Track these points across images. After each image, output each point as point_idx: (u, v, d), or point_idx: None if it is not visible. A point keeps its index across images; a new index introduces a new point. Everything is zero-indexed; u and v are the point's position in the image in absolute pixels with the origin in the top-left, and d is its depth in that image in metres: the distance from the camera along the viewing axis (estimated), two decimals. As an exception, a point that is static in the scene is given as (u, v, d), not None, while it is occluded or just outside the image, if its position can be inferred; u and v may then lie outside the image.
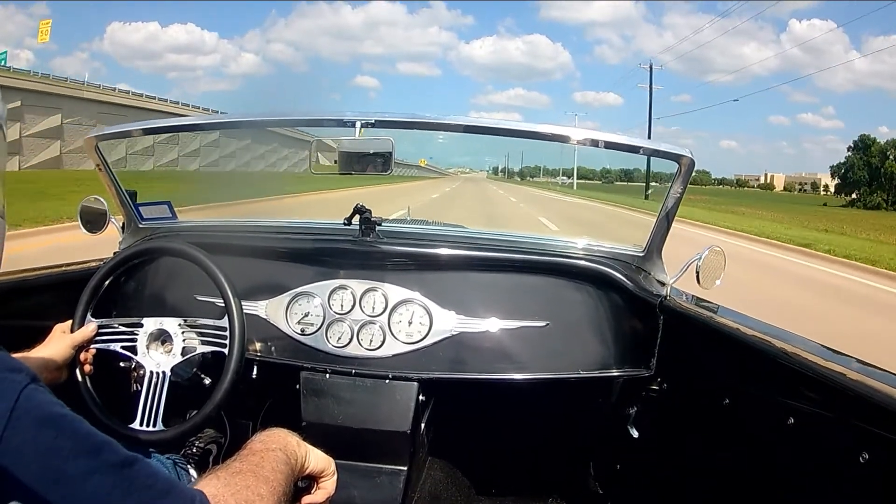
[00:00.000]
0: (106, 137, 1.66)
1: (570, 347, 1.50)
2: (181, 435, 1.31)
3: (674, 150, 1.44)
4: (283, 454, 0.79)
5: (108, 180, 1.68)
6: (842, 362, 0.96)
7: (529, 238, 1.79)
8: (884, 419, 0.81)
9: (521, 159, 26.87)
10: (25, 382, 0.55)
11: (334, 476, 0.90)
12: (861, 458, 0.83)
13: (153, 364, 1.33)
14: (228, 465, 0.73)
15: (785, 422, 0.99)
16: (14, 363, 0.57)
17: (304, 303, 1.52)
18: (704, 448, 1.29)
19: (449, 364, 1.48)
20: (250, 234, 1.71)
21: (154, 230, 1.74)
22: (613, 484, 1.68)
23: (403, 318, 1.49)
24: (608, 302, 1.53)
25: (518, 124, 1.54)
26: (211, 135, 24.79)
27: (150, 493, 0.59)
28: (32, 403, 0.54)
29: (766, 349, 1.10)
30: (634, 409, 1.54)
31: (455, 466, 1.73)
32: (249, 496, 0.68)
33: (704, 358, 1.35)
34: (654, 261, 1.60)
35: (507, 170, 37.56)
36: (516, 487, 1.79)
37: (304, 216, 1.96)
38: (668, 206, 1.50)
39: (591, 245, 1.65)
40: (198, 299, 1.49)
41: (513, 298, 1.53)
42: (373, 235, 1.57)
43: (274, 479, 0.73)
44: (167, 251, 1.44)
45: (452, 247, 1.60)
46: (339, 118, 1.50)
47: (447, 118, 1.55)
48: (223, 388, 1.27)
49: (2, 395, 0.53)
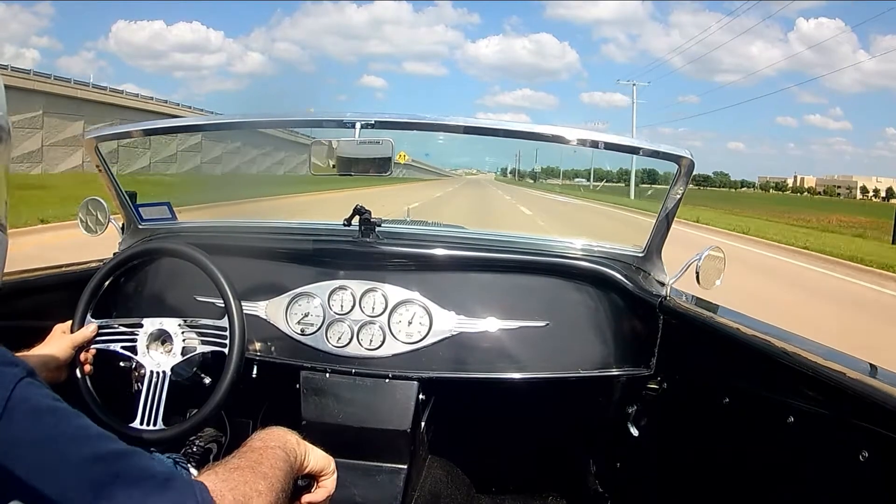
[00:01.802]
0: (106, 138, 1.66)
1: (570, 347, 1.50)
2: (181, 434, 1.32)
3: (673, 151, 1.44)
4: (283, 452, 0.79)
5: (107, 181, 1.68)
6: (842, 362, 0.97)
7: (529, 238, 1.79)
8: (884, 419, 0.81)
9: (534, 158, 21.72)
10: (21, 375, 0.56)
11: (334, 475, 0.90)
12: (861, 457, 0.83)
13: (153, 364, 1.33)
14: (227, 462, 0.73)
15: (785, 421, 0.99)
16: (10, 358, 0.57)
17: (303, 303, 1.53)
18: (704, 447, 1.29)
19: (449, 364, 1.48)
20: (250, 235, 1.71)
21: (154, 231, 1.74)
22: (613, 483, 1.69)
23: (403, 318, 1.50)
24: (608, 302, 1.53)
25: (517, 125, 1.54)
26: (192, 138, 23.30)
27: (151, 483, 0.59)
28: (28, 395, 0.55)
29: (766, 349, 1.10)
30: (634, 408, 1.54)
31: (455, 465, 1.73)
32: (247, 491, 0.68)
33: (704, 357, 1.35)
34: (654, 261, 1.61)
35: (518, 171, 32.52)
36: (516, 486, 1.79)
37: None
38: (667, 206, 1.51)
39: (590, 245, 1.66)
40: (198, 300, 1.49)
41: (513, 298, 1.53)
42: (372, 236, 1.57)
43: (272, 475, 0.73)
44: (167, 252, 1.45)
45: (452, 247, 1.60)
46: (338, 119, 1.50)
47: (447, 119, 1.55)
48: (223, 388, 1.28)
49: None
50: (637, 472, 1.58)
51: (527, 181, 28.12)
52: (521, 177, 29.89)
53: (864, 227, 20.69)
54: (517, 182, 29.86)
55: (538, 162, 21.25)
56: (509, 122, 1.59)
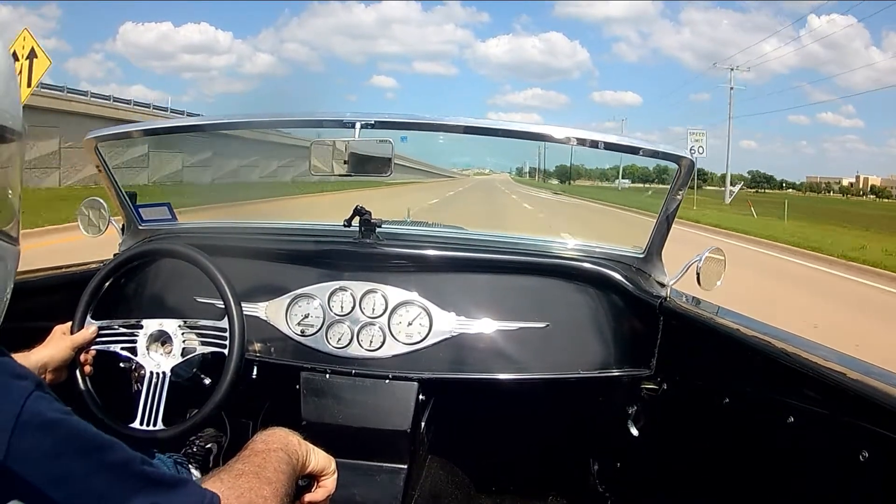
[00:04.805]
0: (106, 139, 1.66)
1: (570, 348, 1.50)
2: (181, 434, 1.31)
3: (674, 152, 1.45)
4: (285, 454, 0.79)
5: (107, 182, 1.69)
6: (842, 362, 0.97)
7: (529, 240, 1.79)
8: (884, 419, 0.81)
9: (570, 155, 15.80)
10: (31, 389, 0.56)
11: (335, 475, 0.90)
12: (861, 457, 0.83)
13: (153, 364, 1.33)
14: (231, 467, 0.73)
15: (785, 421, 0.99)
16: (19, 369, 0.57)
17: (304, 304, 1.53)
18: (704, 447, 1.29)
19: (449, 364, 1.48)
20: (250, 236, 1.72)
21: (154, 232, 1.74)
22: (613, 483, 1.69)
23: (403, 319, 1.50)
24: (608, 303, 1.53)
25: (516, 125, 1.55)
26: (166, 147, 21.47)
27: (160, 490, 0.59)
28: (38, 409, 0.55)
29: (766, 349, 1.10)
30: (634, 408, 1.54)
31: (455, 465, 1.73)
32: (253, 499, 0.68)
33: (704, 358, 1.35)
34: (654, 262, 1.61)
35: (541, 170, 25.29)
36: (516, 486, 1.79)
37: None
38: (668, 207, 1.51)
39: (590, 247, 1.66)
40: (198, 301, 1.49)
41: (513, 300, 1.53)
42: (372, 237, 1.57)
43: (276, 479, 0.73)
44: (167, 253, 1.45)
45: (452, 249, 1.60)
46: (338, 119, 1.50)
47: (447, 119, 1.55)
48: (223, 389, 1.28)
49: (8, 402, 0.54)
50: (637, 473, 1.58)
51: (550, 183, 21.64)
52: (547, 176, 22.21)
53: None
54: (540, 183, 24.07)
55: (558, 161, 15.79)
56: (509, 122, 1.58)
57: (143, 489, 0.58)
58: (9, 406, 0.54)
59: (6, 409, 0.53)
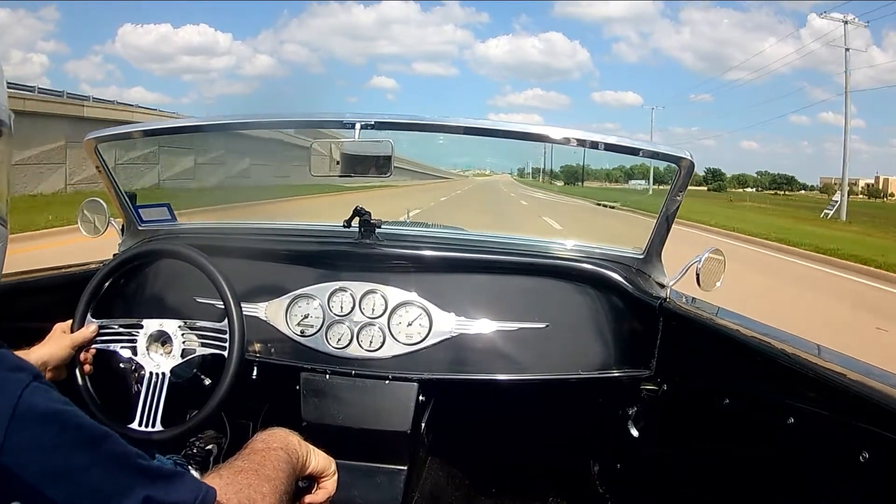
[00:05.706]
0: (106, 139, 1.66)
1: (570, 349, 1.50)
2: (180, 435, 1.31)
3: (673, 153, 1.45)
4: (285, 453, 0.79)
5: (107, 182, 1.68)
6: (842, 362, 0.97)
7: (529, 240, 1.79)
8: (884, 419, 0.81)
9: (573, 155, 13.35)
10: (28, 381, 0.55)
11: (335, 476, 0.90)
12: (861, 457, 0.83)
13: (153, 365, 1.33)
14: (231, 464, 0.73)
15: (785, 422, 0.99)
16: (17, 362, 0.57)
17: (303, 304, 1.52)
18: (704, 448, 1.29)
19: (449, 365, 1.48)
20: (250, 237, 1.71)
21: (154, 232, 1.74)
22: (613, 484, 1.68)
23: (403, 319, 1.50)
24: (608, 304, 1.53)
25: (516, 125, 1.55)
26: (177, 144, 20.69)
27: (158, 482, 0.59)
28: (35, 401, 0.55)
29: (766, 350, 1.10)
30: (634, 409, 1.54)
31: (455, 466, 1.73)
32: (251, 495, 0.68)
33: (704, 359, 1.35)
34: (654, 263, 1.61)
35: (546, 171, 24.02)
36: (516, 487, 1.79)
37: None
38: (668, 208, 1.51)
39: (590, 247, 1.66)
40: (198, 301, 1.49)
41: (513, 300, 1.53)
42: (372, 238, 1.57)
43: (276, 477, 0.73)
44: (167, 253, 1.45)
45: (452, 249, 1.60)
46: (338, 119, 1.50)
47: (447, 119, 1.55)
48: (223, 390, 1.28)
49: (4, 394, 0.54)
50: (637, 474, 1.58)
51: (555, 184, 20.50)
52: (554, 177, 21.00)
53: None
54: (543, 184, 19.65)
55: (565, 161, 13.91)
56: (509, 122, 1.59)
57: (140, 481, 0.58)
58: (5, 398, 0.53)
59: (2, 400, 0.53)
